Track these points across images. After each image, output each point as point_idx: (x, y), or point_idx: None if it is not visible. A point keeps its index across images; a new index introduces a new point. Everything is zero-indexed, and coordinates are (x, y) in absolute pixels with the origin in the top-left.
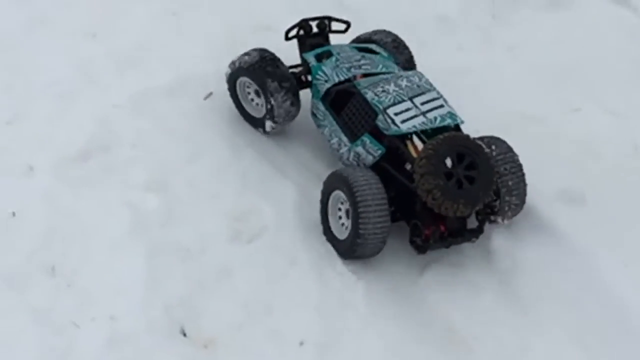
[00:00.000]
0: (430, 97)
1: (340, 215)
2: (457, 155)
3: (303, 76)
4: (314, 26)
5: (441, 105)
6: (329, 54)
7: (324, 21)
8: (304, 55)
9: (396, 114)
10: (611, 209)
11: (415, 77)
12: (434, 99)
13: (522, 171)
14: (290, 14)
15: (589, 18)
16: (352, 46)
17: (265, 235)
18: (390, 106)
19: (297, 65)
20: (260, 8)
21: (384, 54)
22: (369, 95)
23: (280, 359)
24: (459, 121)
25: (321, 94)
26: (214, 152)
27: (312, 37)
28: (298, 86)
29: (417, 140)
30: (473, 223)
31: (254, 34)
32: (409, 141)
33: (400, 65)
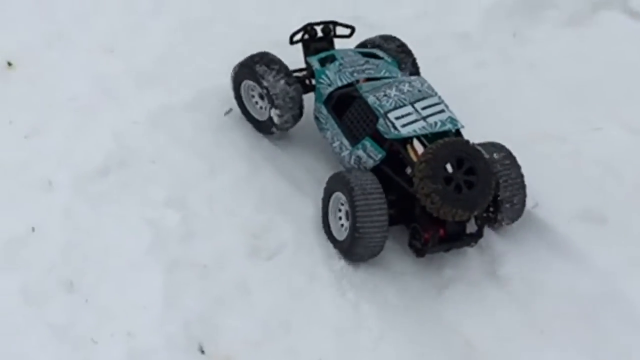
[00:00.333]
0: (431, 102)
1: (340, 217)
2: (457, 160)
3: (307, 80)
4: (319, 30)
5: (442, 111)
6: (332, 58)
7: (329, 26)
8: (308, 59)
9: (397, 118)
10: (632, 229)
11: (417, 82)
12: (435, 104)
13: (522, 177)
14: None
15: (609, 35)
16: (356, 51)
17: (284, 252)
18: (391, 110)
19: (302, 69)
20: (278, 24)
21: (387, 59)
22: (371, 99)
23: None
24: (460, 126)
25: (324, 97)
26: (232, 168)
27: (317, 42)
28: (302, 89)
29: (418, 145)
30: (473, 227)
31: (272, 49)
32: (410, 145)
33: (406, 71)
